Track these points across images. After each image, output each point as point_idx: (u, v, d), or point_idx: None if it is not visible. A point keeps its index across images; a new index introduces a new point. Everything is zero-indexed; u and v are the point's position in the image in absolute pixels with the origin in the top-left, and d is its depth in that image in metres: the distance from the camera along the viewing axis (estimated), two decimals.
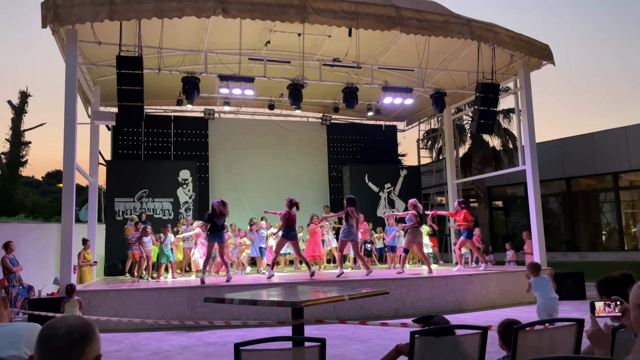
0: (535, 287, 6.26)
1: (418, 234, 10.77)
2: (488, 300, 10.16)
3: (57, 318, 1.48)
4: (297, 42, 11.05)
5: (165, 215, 13.81)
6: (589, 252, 18.72)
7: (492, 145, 20.10)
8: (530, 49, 11.06)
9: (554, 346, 2.92)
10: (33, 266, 10.51)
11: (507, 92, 13.83)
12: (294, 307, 3.83)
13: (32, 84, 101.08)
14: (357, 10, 9.38)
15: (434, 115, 16.26)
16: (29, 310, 7.75)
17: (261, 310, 8.64)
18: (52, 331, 1.41)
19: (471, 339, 2.84)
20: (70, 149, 8.98)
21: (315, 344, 2.58)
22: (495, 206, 22.89)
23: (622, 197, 18.46)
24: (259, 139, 16.01)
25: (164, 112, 15.67)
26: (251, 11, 8.91)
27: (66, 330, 1.41)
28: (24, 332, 1.82)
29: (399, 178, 16.36)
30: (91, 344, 1.42)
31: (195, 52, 11.48)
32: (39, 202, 28.95)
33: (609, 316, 2.10)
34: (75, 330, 1.41)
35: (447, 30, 10.02)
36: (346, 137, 17.21)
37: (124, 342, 7.37)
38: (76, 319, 1.47)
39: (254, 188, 15.55)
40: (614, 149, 17.74)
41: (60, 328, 1.41)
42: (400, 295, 9.52)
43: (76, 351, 1.39)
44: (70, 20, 8.56)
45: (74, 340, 1.39)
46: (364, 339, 7.26)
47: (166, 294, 8.79)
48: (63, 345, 1.38)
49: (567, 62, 71.07)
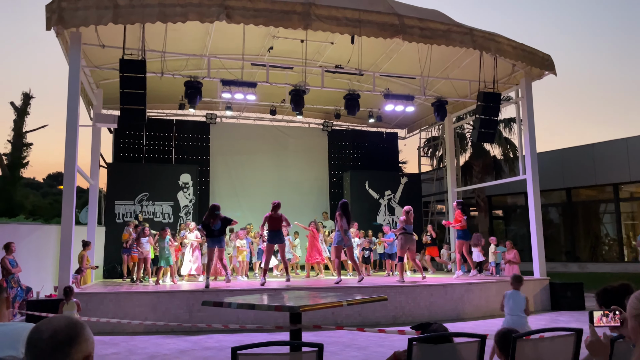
0: (507, 300, 5.89)
1: (408, 240, 10.62)
2: (487, 309, 10.12)
3: (43, 320, 1.46)
4: (300, 49, 11.09)
5: (166, 219, 13.81)
6: (588, 262, 18.68)
7: (493, 154, 20.14)
8: (532, 59, 11.09)
9: (552, 355, 2.92)
10: (32, 268, 10.49)
11: (508, 102, 13.86)
12: (292, 311, 3.82)
13: (34, 85, 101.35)
14: (360, 17, 9.42)
15: (435, 123, 16.29)
16: (28, 311, 7.73)
17: (259, 315, 8.61)
18: (38, 335, 1.40)
19: (469, 346, 2.83)
20: (71, 151, 8.99)
21: (313, 349, 2.58)
22: (495, 215, 22.87)
23: (622, 208, 18.45)
24: (260, 144, 16.03)
25: (166, 115, 15.71)
26: (255, 17, 8.95)
27: (51, 333, 1.39)
28: (22, 333, 1.82)
29: (399, 185, 16.36)
30: (77, 345, 1.40)
31: (198, 57, 11.52)
32: (39, 204, 28.97)
33: (608, 326, 2.10)
34: (60, 333, 1.40)
35: (449, 39, 10.05)
36: (347, 143, 17.23)
37: (121, 345, 7.35)
38: (63, 320, 1.45)
39: (254, 193, 15.55)
40: (614, 160, 17.75)
41: (45, 331, 1.40)
42: (398, 303, 9.50)
43: (61, 353, 1.38)
44: (75, 23, 8.59)
45: (58, 343, 1.38)
46: (362, 346, 7.23)
47: (164, 297, 8.78)
48: (47, 349, 1.37)
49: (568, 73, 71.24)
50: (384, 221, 15.69)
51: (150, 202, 13.85)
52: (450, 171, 15.20)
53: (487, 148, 19.79)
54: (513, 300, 5.88)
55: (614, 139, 18.03)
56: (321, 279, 11.75)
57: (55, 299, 8.15)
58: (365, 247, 13.18)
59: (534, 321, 6.19)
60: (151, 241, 11.04)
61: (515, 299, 5.88)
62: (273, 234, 9.99)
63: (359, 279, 10.23)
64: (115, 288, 9.52)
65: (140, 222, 12.59)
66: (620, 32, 66.96)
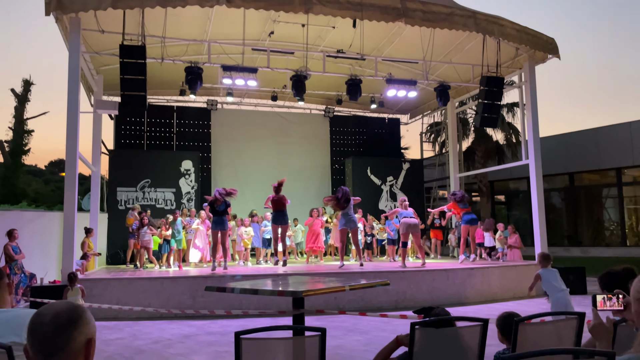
0: (545, 280, 5.64)
1: (408, 225, 10.71)
2: (489, 294, 10.16)
3: (45, 306, 1.47)
4: (301, 33, 10.99)
5: (168, 205, 13.84)
6: (590, 247, 18.71)
7: (496, 139, 20.07)
8: (536, 43, 10.98)
9: (554, 339, 2.92)
10: (35, 254, 10.53)
11: (511, 86, 13.77)
12: (295, 296, 3.83)
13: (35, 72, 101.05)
14: (361, 1, 9.31)
15: (438, 108, 16.21)
16: (32, 297, 7.79)
17: (262, 300, 8.66)
18: (40, 319, 1.40)
19: (471, 331, 2.84)
20: (72, 137, 8.98)
21: (316, 333, 2.58)
22: (498, 200, 22.86)
23: (625, 192, 18.41)
24: (262, 130, 15.98)
25: (167, 102, 15.65)
26: (255, 1, 8.86)
27: (52, 316, 1.40)
28: (25, 319, 1.82)
29: (401, 171, 16.33)
30: (80, 327, 1.41)
31: (198, 42, 11.43)
32: (41, 191, 29.04)
33: (611, 310, 2.10)
34: (62, 316, 1.40)
35: (452, 22, 9.94)
36: (349, 129, 17.16)
37: (125, 331, 7.41)
38: (64, 304, 1.45)
39: (256, 179, 15.53)
40: (617, 144, 17.67)
41: (47, 315, 1.40)
42: (400, 288, 9.54)
43: (64, 336, 1.38)
44: (74, 8, 8.52)
45: (60, 326, 1.39)
46: (364, 330, 7.28)
47: (168, 283, 8.83)
48: (50, 332, 1.38)
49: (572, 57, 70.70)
50: (386, 207, 15.70)
51: (152, 188, 13.86)
52: (453, 157, 15.15)
53: (489, 133, 19.72)
54: (553, 278, 5.64)
55: (617, 123, 17.93)
56: (322, 265, 11.80)
57: (59, 285, 8.20)
58: (367, 232, 13.20)
59: (536, 305, 6.19)
60: (155, 233, 11.12)
61: (554, 276, 5.66)
62: (277, 214, 10.04)
63: (359, 264, 10.30)
64: (119, 274, 9.58)
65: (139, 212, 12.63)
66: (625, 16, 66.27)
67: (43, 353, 1.38)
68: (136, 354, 6.05)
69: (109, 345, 6.48)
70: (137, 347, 6.41)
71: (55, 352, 1.37)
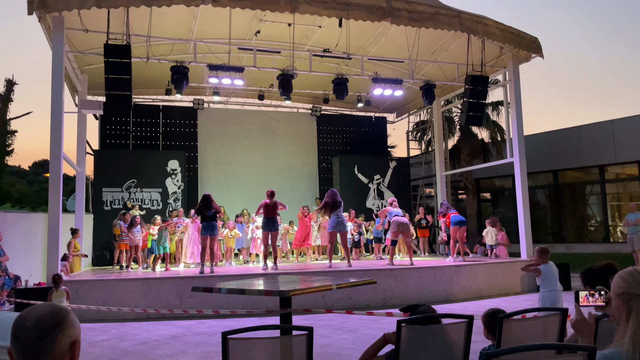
0: (543, 277, 5.47)
1: (399, 223, 10.79)
2: (475, 291, 10.27)
3: (28, 308, 1.45)
4: (288, 32, 10.98)
5: (154, 206, 13.74)
6: (574, 243, 18.95)
7: (481, 137, 20.24)
8: (520, 42, 11.10)
9: (539, 335, 2.97)
10: (20, 256, 10.39)
11: (496, 85, 13.88)
12: (282, 296, 3.84)
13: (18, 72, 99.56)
14: (347, 0, 9.34)
15: (424, 107, 16.29)
16: (17, 299, 7.69)
17: (250, 300, 8.65)
18: (23, 322, 1.39)
19: (457, 327, 2.87)
20: (57, 138, 8.88)
21: (303, 332, 2.60)
22: (483, 198, 23.06)
23: (607, 189, 18.68)
24: (249, 129, 15.93)
25: (153, 101, 15.53)
26: (241, 0, 8.83)
27: (35, 320, 1.38)
28: (9, 322, 1.81)
29: (388, 169, 16.40)
30: (64, 330, 1.40)
31: (184, 41, 11.37)
32: (25, 192, 28.67)
33: (593, 305, 2.14)
34: (45, 319, 1.39)
35: (437, 21, 10.01)
36: (336, 128, 17.18)
37: (111, 332, 7.36)
38: (47, 306, 1.44)
39: (243, 179, 15.51)
40: (600, 142, 17.92)
41: (30, 319, 1.39)
42: (388, 286, 9.59)
43: (48, 340, 1.37)
44: (57, 7, 8.42)
45: (44, 329, 1.37)
46: (352, 328, 7.31)
47: (154, 284, 8.78)
48: (33, 336, 1.36)
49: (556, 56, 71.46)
50: (373, 205, 15.76)
51: (138, 188, 13.75)
52: (439, 155, 15.26)
53: (475, 131, 19.87)
54: (551, 276, 5.46)
55: (600, 121, 18.19)
56: (310, 264, 11.81)
57: (44, 287, 8.11)
58: (354, 231, 13.25)
59: (521, 301, 6.24)
60: (147, 233, 11.03)
61: (553, 272, 5.48)
62: (268, 221, 10.01)
63: (347, 265, 10.33)
64: (105, 275, 9.49)
65: (129, 208, 12.52)
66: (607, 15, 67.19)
67: (27, 357, 1.36)
68: (123, 355, 6.01)
69: (95, 347, 6.43)
70: (123, 348, 6.37)
71: (39, 355, 1.36)
